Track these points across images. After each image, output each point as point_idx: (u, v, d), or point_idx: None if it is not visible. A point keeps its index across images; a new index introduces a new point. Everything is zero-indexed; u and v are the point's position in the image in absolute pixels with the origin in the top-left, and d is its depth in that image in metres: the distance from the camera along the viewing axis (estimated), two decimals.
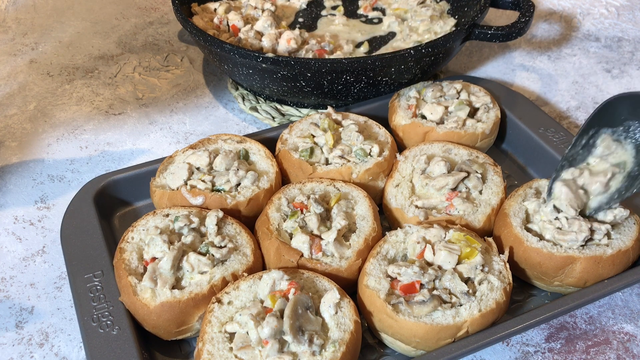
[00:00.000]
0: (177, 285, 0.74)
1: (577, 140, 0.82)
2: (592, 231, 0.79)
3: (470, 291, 0.73)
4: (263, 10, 1.24)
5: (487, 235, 0.84)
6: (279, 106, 1.15)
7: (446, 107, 0.99)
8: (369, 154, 0.92)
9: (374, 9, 1.33)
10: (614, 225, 0.81)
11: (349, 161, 0.91)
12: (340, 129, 0.96)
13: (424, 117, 1.00)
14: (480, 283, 0.74)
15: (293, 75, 1.02)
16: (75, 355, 0.77)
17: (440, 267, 0.75)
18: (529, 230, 0.81)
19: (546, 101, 1.19)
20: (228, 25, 1.20)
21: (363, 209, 0.84)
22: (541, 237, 0.80)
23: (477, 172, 0.88)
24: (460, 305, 0.72)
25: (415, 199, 0.86)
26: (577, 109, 1.17)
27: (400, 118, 1.00)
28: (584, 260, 0.77)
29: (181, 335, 0.75)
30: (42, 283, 0.85)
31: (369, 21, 1.31)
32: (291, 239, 0.80)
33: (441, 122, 0.99)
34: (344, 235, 0.81)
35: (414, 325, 0.70)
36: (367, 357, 0.76)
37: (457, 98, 1.02)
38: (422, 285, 0.73)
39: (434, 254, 0.75)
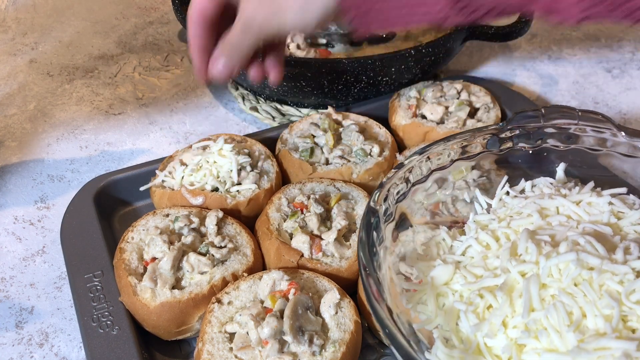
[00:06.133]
0: (177, 285, 0.74)
1: None
2: None
3: None
4: None
5: None
6: (279, 106, 1.15)
7: (446, 107, 0.99)
8: (369, 154, 0.92)
9: None
10: None
11: (349, 161, 0.91)
12: (341, 129, 0.96)
13: (424, 117, 1.00)
14: None
15: (293, 75, 1.02)
16: (75, 355, 0.77)
17: None
18: None
19: (546, 101, 1.19)
20: None
21: (363, 209, 0.83)
22: None
23: None
24: None
25: None
26: None
27: (401, 118, 1.00)
28: None
29: (181, 335, 0.75)
30: (42, 283, 0.85)
31: None
32: (291, 239, 0.80)
33: (441, 122, 0.99)
34: (344, 235, 0.81)
35: None
36: (367, 357, 0.75)
37: (458, 98, 1.02)
38: None
39: None
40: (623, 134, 0.75)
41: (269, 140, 0.98)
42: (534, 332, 0.59)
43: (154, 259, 0.75)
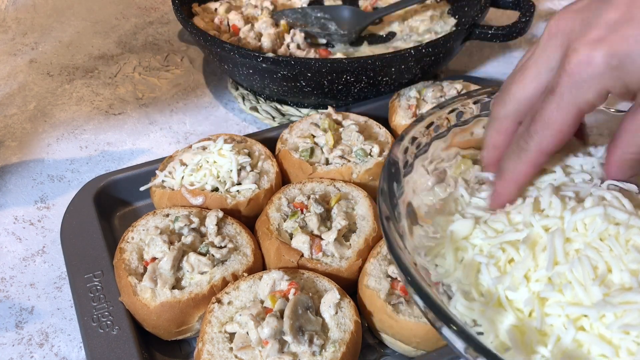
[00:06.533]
0: (177, 285, 0.74)
1: None
2: None
3: None
4: (262, 10, 1.23)
5: None
6: (279, 106, 1.15)
7: None
8: (369, 154, 0.92)
9: (374, 9, 1.33)
10: None
11: (349, 161, 0.91)
12: (341, 129, 0.96)
13: None
14: None
15: (293, 75, 1.02)
16: (75, 355, 0.77)
17: None
18: None
19: None
20: (229, 25, 1.20)
21: (363, 209, 0.84)
22: None
23: None
24: None
25: None
26: None
27: (401, 118, 1.00)
28: None
29: (181, 335, 0.75)
30: (42, 283, 0.85)
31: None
32: (291, 239, 0.80)
33: None
34: (344, 235, 0.81)
35: (415, 326, 0.70)
36: (367, 357, 0.76)
37: None
38: None
39: None
40: None
41: (269, 140, 0.98)
42: (557, 286, 0.57)
43: (154, 259, 0.75)
